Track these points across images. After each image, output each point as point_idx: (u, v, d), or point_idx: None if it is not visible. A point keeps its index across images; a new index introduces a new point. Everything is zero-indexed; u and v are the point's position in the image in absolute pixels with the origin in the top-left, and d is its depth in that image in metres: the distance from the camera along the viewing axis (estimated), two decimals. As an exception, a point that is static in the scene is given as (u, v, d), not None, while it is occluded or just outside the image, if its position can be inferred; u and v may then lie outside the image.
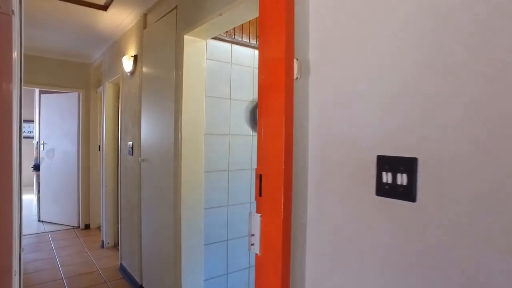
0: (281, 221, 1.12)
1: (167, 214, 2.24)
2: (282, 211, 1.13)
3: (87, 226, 4.53)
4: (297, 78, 1.11)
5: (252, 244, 1.29)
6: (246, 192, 2.41)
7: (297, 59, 1.11)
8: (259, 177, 1.32)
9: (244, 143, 2.40)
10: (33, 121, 6.52)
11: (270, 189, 1.22)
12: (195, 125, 2.09)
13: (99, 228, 4.44)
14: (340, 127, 0.90)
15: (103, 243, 3.85)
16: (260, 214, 1.24)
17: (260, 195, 1.30)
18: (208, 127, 2.18)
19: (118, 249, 3.38)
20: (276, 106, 1.15)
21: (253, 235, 1.30)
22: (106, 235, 3.83)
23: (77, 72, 4.40)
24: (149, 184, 2.58)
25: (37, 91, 5.02)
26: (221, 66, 2.25)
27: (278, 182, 1.16)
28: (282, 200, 1.14)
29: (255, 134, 2.46)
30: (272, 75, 1.15)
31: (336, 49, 0.92)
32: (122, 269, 3.14)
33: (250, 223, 1.32)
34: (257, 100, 2.50)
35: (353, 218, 0.84)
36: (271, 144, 1.20)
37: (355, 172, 0.83)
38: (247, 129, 2.41)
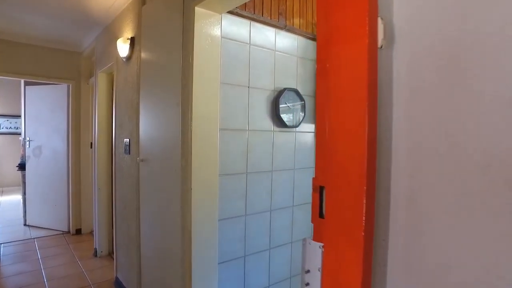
0: (360, 255, 0.76)
1: (173, 226, 1.85)
2: (363, 240, 0.76)
3: (78, 231, 4.12)
4: (381, 47, 0.75)
5: (307, 284, 0.93)
6: (266, 199, 2.04)
7: (381, 18, 0.76)
8: (319, 191, 0.95)
9: (264, 141, 2.02)
10: (20, 116, 6.06)
11: (341, 208, 0.85)
12: (208, 119, 1.71)
13: (91, 233, 4.04)
14: (449, 122, 0.54)
15: (96, 251, 3.45)
16: (321, 244, 0.88)
17: (322, 216, 0.93)
18: (223, 121, 1.80)
19: (113, 258, 2.99)
20: (352, 90, 0.78)
21: (308, 271, 0.94)
22: (99, 242, 3.43)
23: (66, 62, 3.97)
24: (149, 188, 2.20)
25: (22, 82, 4.57)
26: (238, 48, 1.86)
27: (355, 198, 0.79)
28: (363, 224, 0.77)
29: (278, 129, 2.09)
30: (344, 43, 0.77)
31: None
32: (118, 283, 2.75)
33: (304, 255, 0.96)
34: (279, 89, 2.12)
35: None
36: (343, 145, 0.82)
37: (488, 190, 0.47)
38: (268, 124, 2.03)
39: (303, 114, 2.18)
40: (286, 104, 2.08)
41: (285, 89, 2.06)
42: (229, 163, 1.84)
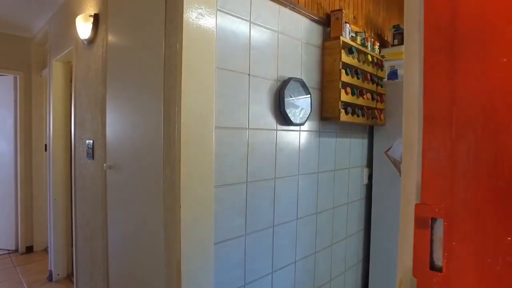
0: None
1: (153, 254, 1.43)
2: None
3: (29, 249, 3.50)
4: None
5: None
6: (268, 213, 1.67)
7: None
8: (430, 226, 0.58)
9: (267, 141, 1.65)
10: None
11: (482, 257, 0.45)
12: (202, 114, 1.31)
13: (46, 250, 3.44)
14: None
15: (51, 274, 2.89)
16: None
17: (436, 267, 0.57)
18: (219, 117, 1.41)
19: (73, 282, 2.48)
20: None
21: None
22: (55, 263, 2.88)
23: (12, 49, 3.34)
24: (120, 203, 1.75)
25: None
26: (236, 25, 1.48)
27: None
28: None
29: (281, 128, 1.72)
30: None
31: None
32: (79, 316, 2.26)
33: None
34: (283, 79, 1.76)
35: None
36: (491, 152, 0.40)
37: None
38: (271, 121, 1.66)
39: (310, 109, 1.83)
40: (291, 97, 1.72)
41: (290, 79, 1.70)
42: (226, 171, 1.45)
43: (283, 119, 1.72)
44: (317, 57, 1.96)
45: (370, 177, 2.52)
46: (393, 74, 2.39)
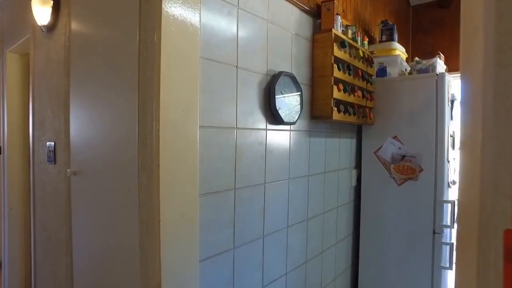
0: None
1: (129, 276, 1.22)
2: None
3: (-17, 264, 3.12)
4: None
5: None
6: (258, 222, 1.50)
7: None
8: None
9: (256, 142, 1.48)
10: None
11: None
12: (185, 111, 1.11)
13: None
14: None
15: (7, 292, 2.56)
16: None
17: None
18: (204, 114, 1.22)
19: (33, 304, 2.18)
20: None
21: None
22: (10, 281, 2.55)
23: (-39, 39, 2.96)
24: (87, 214, 1.51)
25: None
26: (223, 9, 1.29)
27: None
28: None
29: (271, 127, 1.56)
30: None
31: None
32: None
33: None
34: (274, 73, 1.59)
35: None
36: None
37: None
38: (261, 119, 1.49)
39: (301, 107, 1.68)
40: (282, 93, 1.56)
41: (281, 73, 1.54)
42: (212, 176, 1.26)
43: (274, 117, 1.55)
44: (307, 50, 1.81)
45: (358, 178, 2.41)
46: (382, 71, 2.29)
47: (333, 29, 1.77)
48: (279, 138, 1.62)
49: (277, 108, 1.51)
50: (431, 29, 3.33)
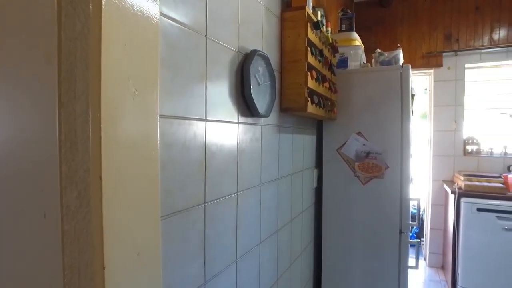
0: None
1: None
2: None
3: None
4: None
5: None
6: (231, 243, 1.16)
7: None
8: None
9: (227, 139, 1.13)
10: None
11: None
12: (137, 92, 0.71)
13: None
14: None
15: None
16: None
17: None
18: (165, 99, 0.83)
19: None
20: None
21: None
22: None
23: None
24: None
25: None
26: (187, -48, 0.92)
27: None
28: None
29: (243, 120, 1.23)
30: None
31: None
32: None
33: None
34: (246, 51, 1.25)
35: None
36: None
37: None
38: (231, 110, 1.15)
39: (274, 96, 1.38)
40: (256, 77, 1.24)
41: (255, 52, 1.22)
42: (177, 189, 0.88)
43: (247, 107, 1.23)
44: (277, 30, 1.52)
45: (319, 179, 2.22)
46: (343, 63, 2.13)
47: (306, 7, 1.51)
48: (251, 133, 1.29)
49: (252, 95, 1.18)
50: (374, 27, 3.35)
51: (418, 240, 1.97)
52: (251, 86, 1.18)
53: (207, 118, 1.00)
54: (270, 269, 1.50)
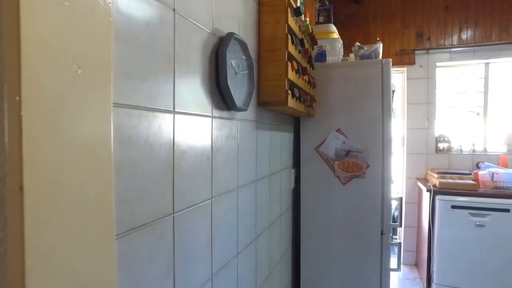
0: None
1: None
2: None
3: None
4: None
5: None
6: (205, 256, 0.99)
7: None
8: None
9: (199, 135, 0.96)
10: None
11: None
12: (81, 70, 0.53)
13: None
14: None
15: None
16: None
17: None
18: (121, 84, 0.65)
19: None
20: None
21: None
22: None
23: None
24: None
25: None
26: None
27: None
28: None
29: (218, 113, 1.06)
30: None
31: None
32: None
33: None
34: (221, 34, 1.07)
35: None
36: None
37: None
38: (204, 101, 0.97)
39: (252, 87, 1.23)
40: (232, 65, 1.07)
41: (231, 35, 1.05)
42: (137, 198, 0.69)
43: (222, 99, 1.06)
44: (254, 16, 1.36)
45: (297, 179, 2.09)
46: (321, 56, 2.02)
47: (285, -11, 1.37)
48: (228, 129, 1.13)
49: (229, 84, 1.02)
50: (347, 23, 3.30)
51: (400, 241, 1.90)
52: (228, 75, 1.01)
53: (175, 110, 0.82)
54: (249, 282, 1.35)
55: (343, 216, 1.95)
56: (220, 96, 1.05)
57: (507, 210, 2.45)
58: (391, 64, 1.86)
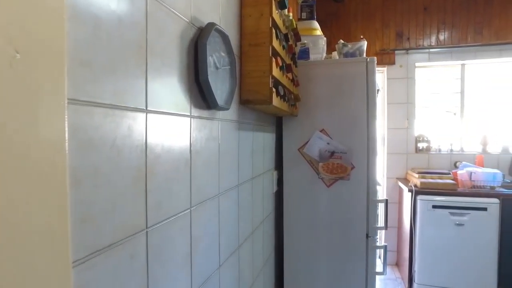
0: None
1: None
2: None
3: None
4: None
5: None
6: (184, 273, 0.88)
7: None
8: None
9: (176, 138, 0.85)
10: None
11: None
12: (22, 57, 0.41)
13: None
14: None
15: None
16: None
17: None
18: (80, 75, 0.53)
19: None
20: None
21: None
22: None
23: None
24: None
25: None
26: None
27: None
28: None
29: (198, 113, 0.95)
30: None
31: None
32: None
33: None
34: (201, 24, 0.95)
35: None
36: None
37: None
38: (182, 99, 0.86)
39: (235, 84, 1.13)
40: (213, 59, 0.97)
41: (212, 26, 0.94)
42: (100, 213, 0.58)
43: (202, 96, 0.95)
44: (236, 7, 1.26)
45: (279, 181, 2.01)
46: (304, 53, 1.94)
47: (269, -20, 1.28)
48: (208, 131, 1.02)
49: (210, 80, 0.91)
50: (327, 21, 3.26)
51: (386, 244, 1.86)
52: (208, 70, 0.90)
53: (148, 109, 0.71)
54: (231, 296, 1.25)
55: (327, 219, 1.89)
56: (200, 94, 0.94)
57: (485, 209, 2.48)
58: (375, 62, 1.81)
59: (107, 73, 0.59)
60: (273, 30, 1.29)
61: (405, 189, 2.75)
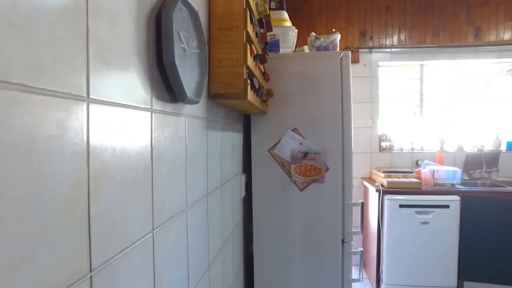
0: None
1: None
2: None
3: None
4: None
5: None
6: (144, 319, 0.66)
7: None
8: None
9: (132, 140, 0.63)
10: None
11: None
12: None
13: None
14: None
15: None
16: None
17: None
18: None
19: None
20: None
21: None
22: None
23: None
24: None
25: None
26: None
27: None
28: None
29: (160, 106, 0.74)
30: None
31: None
32: None
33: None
34: None
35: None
36: None
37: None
38: (138, 88, 0.65)
39: (205, 74, 0.92)
40: (181, 38, 0.76)
41: (178, -6, 0.74)
42: (11, 264, 0.35)
43: (165, 85, 0.74)
44: (203, -19, 1.06)
45: (247, 185, 1.83)
46: (274, 46, 1.79)
47: (243, -46, 1.09)
48: (173, 130, 0.81)
49: (177, 64, 0.70)
50: (291, 17, 3.12)
51: (362, 249, 1.76)
52: (175, 50, 0.70)
53: (90, 97, 0.49)
54: (201, 327, 1.04)
55: (301, 225, 1.75)
56: (164, 82, 0.73)
57: (447, 206, 2.52)
58: (350, 56, 1.70)
59: (19, 37, 0.36)
60: (248, 13, 1.10)
61: (371, 188, 2.72)
